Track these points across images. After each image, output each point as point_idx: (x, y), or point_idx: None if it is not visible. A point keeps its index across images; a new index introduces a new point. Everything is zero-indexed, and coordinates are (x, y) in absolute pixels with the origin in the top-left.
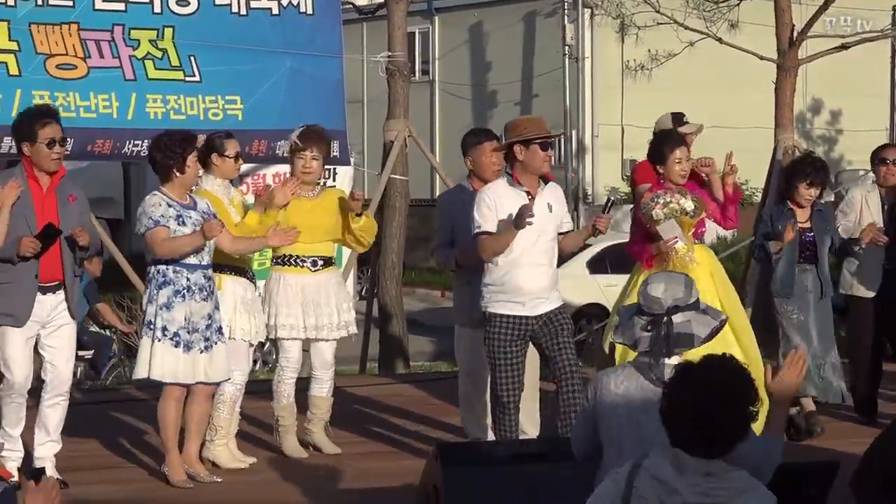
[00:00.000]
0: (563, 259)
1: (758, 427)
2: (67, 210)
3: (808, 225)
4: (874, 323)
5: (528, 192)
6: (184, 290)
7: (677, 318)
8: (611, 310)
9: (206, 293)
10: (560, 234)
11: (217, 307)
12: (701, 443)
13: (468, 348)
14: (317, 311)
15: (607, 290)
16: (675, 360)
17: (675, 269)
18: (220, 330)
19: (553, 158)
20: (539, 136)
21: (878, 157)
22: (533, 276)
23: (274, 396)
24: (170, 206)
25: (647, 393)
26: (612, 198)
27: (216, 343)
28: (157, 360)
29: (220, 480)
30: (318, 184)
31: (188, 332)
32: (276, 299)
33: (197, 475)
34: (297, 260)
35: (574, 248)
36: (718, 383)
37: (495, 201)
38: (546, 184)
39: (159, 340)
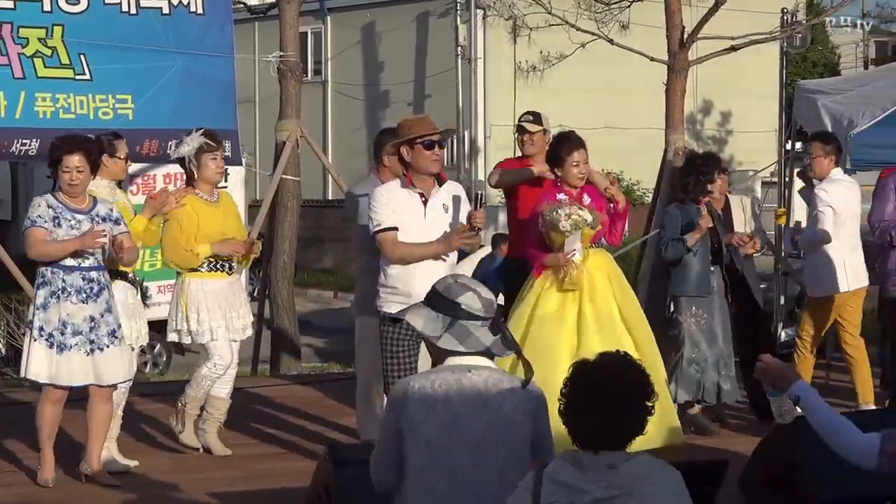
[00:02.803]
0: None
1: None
2: None
3: (711, 224)
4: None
5: (421, 195)
6: (59, 291)
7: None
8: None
9: (85, 295)
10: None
11: (109, 309)
12: (603, 437)
13: (372, 340)
14: (230, 313)
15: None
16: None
17: (570, 280)
18: (112, 333)
19: (444, 157)
20: (421, 135)
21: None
22: (428, 279)
23: (192, 385)
24: (50, 206)
25: (432, 412)
26: (481, 192)
27: (108, 346)
28: (33, 360)
29: (119, 484)
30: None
31: (62, 334)
32: (201, 304)
33: (98, 478)
34: (220, 265)
35: (474, 248)
36: (615, 377)
37: (390, 199)
38: (441, 185)
39: (35, 340)
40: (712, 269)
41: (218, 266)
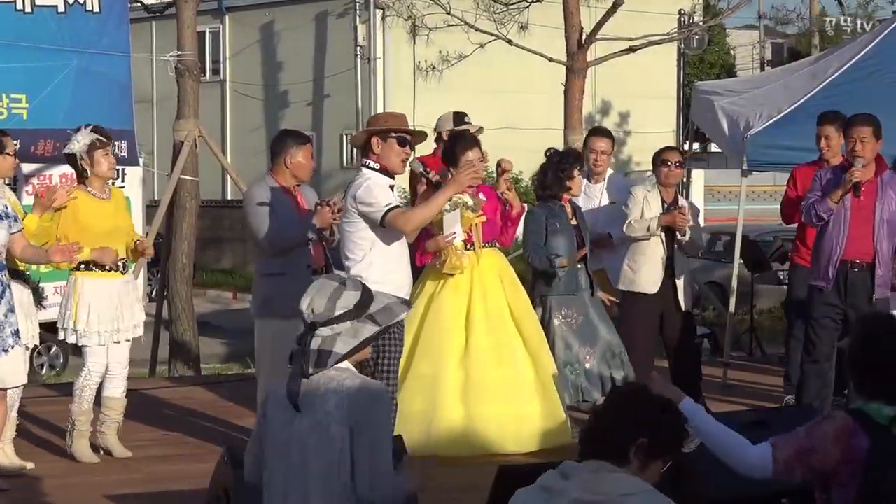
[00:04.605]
0: None
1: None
2: None
3: (575, 222)
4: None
5: (391, 187)
6: None
7: (322, 333)
8: None
9: None
10: None
11: (12, 309)
12: (584, 445)
13: (274, 342)
14: (123, 312)
15: None
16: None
17: (451, 265)
18: (15, 333)
19: (345, 157)
20: (397, 128)
21: (659, 159)
22: (407, 272)
23: (75, 399)
24: None
25: (280, 413)
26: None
27: (12, 346)
28: None
29: (7, 488)
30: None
31: None
32: (92, 306)
33: None
34: (114, 265)
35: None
36: (620, 395)
37: (381, 184)
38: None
39: None
40: (579, 266)
41: (112, 266)
